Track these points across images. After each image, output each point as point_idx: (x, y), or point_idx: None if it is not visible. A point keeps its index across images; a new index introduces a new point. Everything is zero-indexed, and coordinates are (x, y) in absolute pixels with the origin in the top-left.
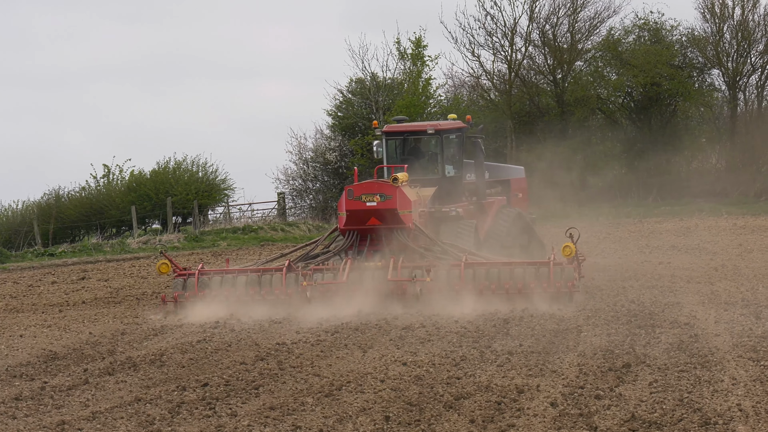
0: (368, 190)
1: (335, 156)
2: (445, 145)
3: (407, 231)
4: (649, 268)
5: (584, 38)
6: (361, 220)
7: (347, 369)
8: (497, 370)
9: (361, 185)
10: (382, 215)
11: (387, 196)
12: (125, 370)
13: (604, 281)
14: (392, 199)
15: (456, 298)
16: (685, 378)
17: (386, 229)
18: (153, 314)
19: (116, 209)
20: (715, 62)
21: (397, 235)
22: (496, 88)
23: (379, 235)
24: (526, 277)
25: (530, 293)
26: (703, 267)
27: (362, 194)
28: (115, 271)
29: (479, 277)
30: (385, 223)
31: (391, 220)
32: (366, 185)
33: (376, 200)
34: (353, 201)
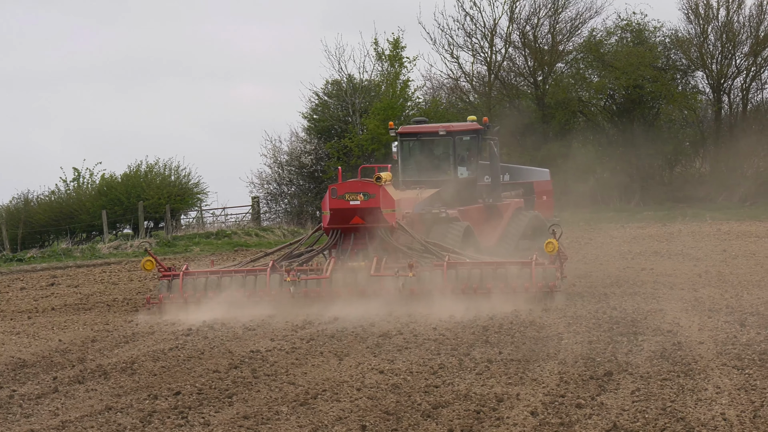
0: (352, 189)
1: (311, 159)
2: (458, 147)
3: (391, 230)
4: (632, 275)
5: (565, 39)
6: (344, 219)
7: (323, 377)
8: (476, 379)
9: (345, 184)
10: (366, 214)
11: (370, 195)
12: (95, 378)
13: (585, 287)
14: (375, 198)
15: (439, 298)
16: (668, 387)
17: (370, 228)
18: (135, 317)
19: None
20: (699, 64)
21: (380, 234)
22: (475, 90)
23: (363, 234)
24: (509, 277)
25: (512, 293)
26: (686, 273)
27: (346, 193)
28: (86, 277)
29: (462, 277)
30: (368, 221)
31: (375, 219)
32: (349, 184)
33: (359, 199)
34: (337, 200)
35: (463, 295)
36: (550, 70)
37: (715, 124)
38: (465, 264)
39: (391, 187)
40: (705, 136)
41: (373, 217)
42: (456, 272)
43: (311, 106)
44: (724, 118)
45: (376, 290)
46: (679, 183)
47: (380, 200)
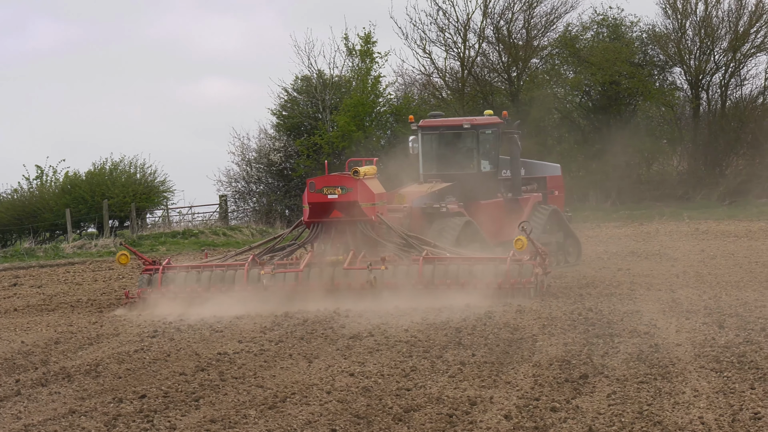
0: (329, 182)
1: (280, 157)
2: (481, 141)
3: (371, 224)
4: (608, 275)
5: (540, 35)
6: (323, 213)
7: (292, 380)
8: (449, 382)
9: (323, 178)
10: (344, 208)
11: (348, 188)
12: (59, 380)
13: (560, 289)
14: (353, 191)
15: (412, 293)
16: (645, 390)
17: (349, 222)
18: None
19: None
20: (677, 60)
21: (360, 228)
22: (448, 86)
23: (343, 227)
24: (486, 273)
25: (485, 288)
26: (663, 274)
27: (324, 187)
28: (49, 278)
29: (437, 272)
30: (347, 215)
31: (353, 213)
32: (327, 178)
33: (337, 192)
34: (315, 194)
35: (437, 290)
36: (524, 65)
37: (693, 121)
38: (442, 259)
39: (375, 181)
40: (683, 134)
41: (352, 210)
42: (433, 267)
43: (280, 103)
44: (702, 115)
45: (348, 284)
46: (656, 181)
47: (358, 194)
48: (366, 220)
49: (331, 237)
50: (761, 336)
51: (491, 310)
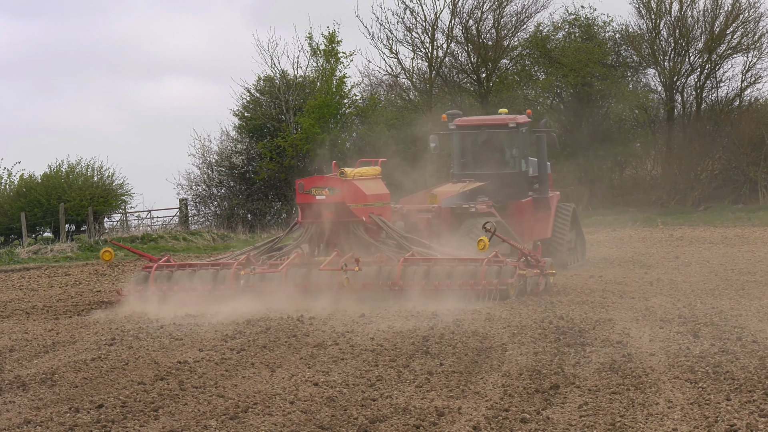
0: (317, 183)
1: (242, 160)
2: (520, 139)
3: (362, 225)
4: (579, 282)
5: (510, 35)
6: (313, 214)
7: (254, 389)
8: (416, 391)
9: (311, 179)
10: (332, 208)
11: (335, 189)
12: (13, 389)
13: (530, 296)
14: (340, 192)
15: (391, 294)
16: (618, 400)
17: (340, 223)
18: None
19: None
20: (651, 61)
21: (352, 229)
22: (415, 88)
23: (336, 228)
24: (464, 275)
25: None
26: (637, 281)
27: (312, 188)
28: (3, 283)
29: (415, 274)
30: (337, 216)
31: (342, 214)
32: (315, 179)
33: (325, 193)
34: (304, 194)
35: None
36: (494, 66)
37: (667, 124)
38: (425, 260)
39: (372, 182)
40: (657, 137)
41: (341, 211)
42: (413, 269)
43: (243, 104)
44: (677, 118)
45: (321, 285)
46: (629, 186)
47: (345, 195)
48: (357, 221)
49: (323, 238)
50: (737, 346)
51: (459, 317)
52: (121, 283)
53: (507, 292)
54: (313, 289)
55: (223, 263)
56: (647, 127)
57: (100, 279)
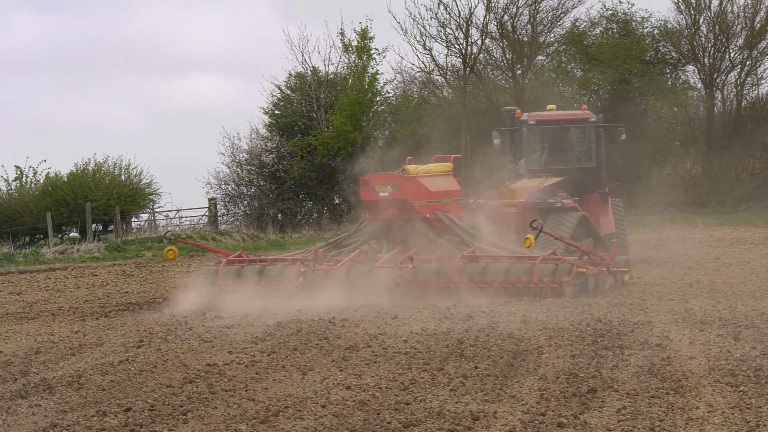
0: (381, 180)
1: (272, 158)
2: (595, 135)
3: (426, 221)
4: (617, 284)
5: (546, 30)
6: (378, 210)
7: (285, 393)
8: (450, 395)
9: (375, 175)
10: (397, 205)
11: (397, 186)
12: (39, 393)
13: (567, 298)
14: (402, 189)
15: (447, 292)
16: (657, 405)
17: (404, 219)
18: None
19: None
20: (690, 58)
21: (416, 226)
22: (449, 85)
23: (402, 225)
24: (519, 272)
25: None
26: (676, 282)
27: (375, 185)
28: (29, 284)
29: (473, 271)
30: (401, 213)
31: (406, 211)
32: (379, 176)
33: (387, 190)
34: (368, 191)
35: (466, 290)
36: (529, 63)
37: (707, 122)
38: (483, 258)
39: (440, 178)
40: (696, 135)
41: (404, 208)
42: (471, 266)
43: (273, 101)
44: (717, 116)
45: (377, 283)
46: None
47: (408, 192)
48: (421, 218)
49: (389, 234)
50: None
51: (495, 320)
52: (169, 280)
53: (562, 290)
54: (370, 286)
55: (292, 259)
56: (686, 125)
57: (128, 280)
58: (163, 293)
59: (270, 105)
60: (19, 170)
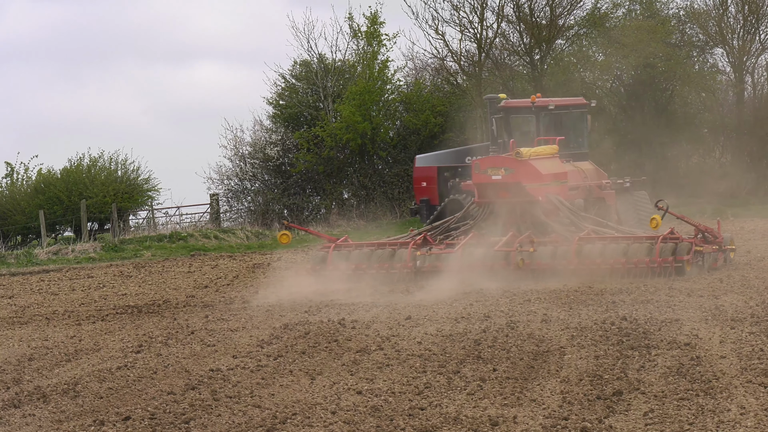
0: (494, 163)
1: (277, 151)
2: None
3: (538, 204)
4: (643, 279)
5: (566, 13)
6: (490, 193)
7: (292, 399)
8: (467, 399)
9: (487, 159)
10: (508, 188)
11: (511, 169)
12: (33, 401)
13: (590, 295)
14: (515, 172)
15: (566, 273)
16: (686, 407)
17: (516, 202)
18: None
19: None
20: (719, 40)
21: (528, 208)
22: (463, 71)
23: (512, 208)
24: (639, 252)
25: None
26: (705, 278)
27: (488, 168)
28: (21, 287)
29: (592, 253)
30: (513, 196)
31: (518, 194)
32: (491, 159)
33: (501, 174)
34: (479, 174)
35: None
36: (548, 47)
37: (737, 107)
38: (601, 239)
39: (548, 161)
40: (726, 122)
41: (517, 191)
42: (588, 248)
43: (277, 91)
44: (747, 101)
45: (495, 266)
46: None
47: (521, 175)
48: (533, 201)
49: (500, 217)
50: None
51: (514, 319)
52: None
53: (683, 268)
54: (488, 270)
55: (402, 242)
56: (715, 112)
57: (126, 281)
58: (163, 295)
59: (274, 95)
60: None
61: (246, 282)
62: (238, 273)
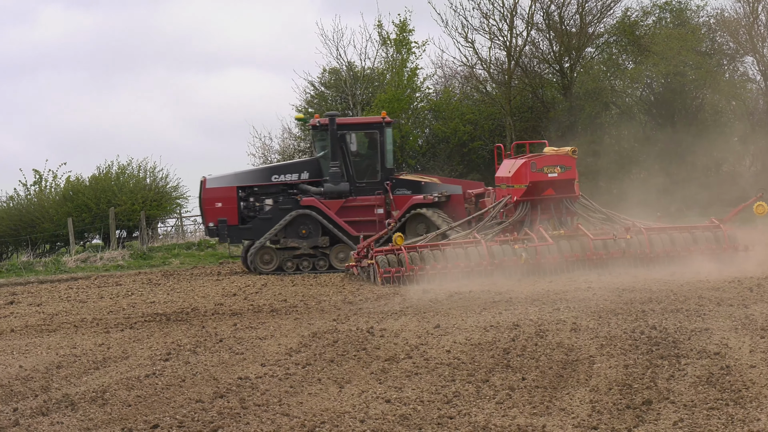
0: (549, 162)
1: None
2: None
3: (574, 200)
4: (673, 289)
5: (596, 21)
6: (540, 191)
7: (321, 407)
8: (496, 408)
9: (543, 158)
10: (560, 186)
11: (567, 167)
12: (61, 409)
13: (619, 304)
14: (571, 169)
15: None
16: (716, 417)
17: (558, 199)
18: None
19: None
20: (749, 48)
21: (566, 205)
22: (493, 79)
23: (548, 204)
24: (700, 240)
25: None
26: (735, 287)
27: (544, 166)
28: (49, 294)
29: (663, 242)
30: (559, 193)
31: (565, 190)
32: (547, 158)
33: (557, 171)
34: (536, 173)
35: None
36: (578, 55)
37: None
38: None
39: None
40: (756, 130)
41: (565, 188)
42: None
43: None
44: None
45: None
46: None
47: (575, 171)
48: (573, 197)
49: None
50: None
51: (543, 328)
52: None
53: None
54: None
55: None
56: (745, 120)
57: (154, 289)
58: (191, 303)
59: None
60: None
61: (274, 290)
62: (266, 281)
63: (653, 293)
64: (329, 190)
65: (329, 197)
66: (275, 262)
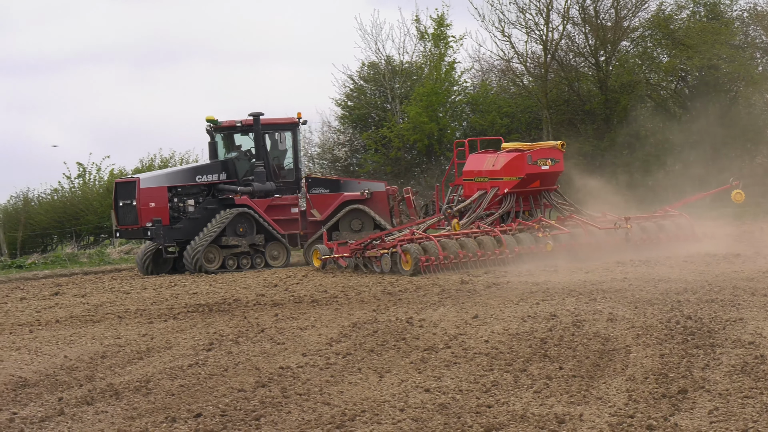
0: (543, 155)
1: (345, 152)
2: None
3: (553, 192)
4: (708, 279)
5: (630, 14)
6: (529, 183)
7: (361, 396)
8: (534, 397)
9: (537, 151)
10: (547, 177)
11: (556, 160)
12: (106, 398)
13: (656, 294)
14: (560, 162)
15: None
16: (750, 405)
17: (540, 191)
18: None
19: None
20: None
21: (545, 196)
22: (529, 73)
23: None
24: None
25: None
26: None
27: (538, 159)
28: (93, 286)
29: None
30: (543, 185)
31: (549, 182)
32: (541, 151)
33: (548, 164)
34: (531, 165)
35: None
36: (613, 49)
37: None
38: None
39: None
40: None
41: (551, 180)
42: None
43: (345, 92)
44: None
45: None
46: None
47: (563, 164)
48: (552, 189)
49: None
50: None
51: (580, 318)
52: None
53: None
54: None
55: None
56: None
57: (197, 280)
58: (233, 293)
59: (342, 96)
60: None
61: (314, 281)
62: (307, 272)
63: (688, 284)
64: (259, 189)
65: (257, 196)
66: (218, 261)
